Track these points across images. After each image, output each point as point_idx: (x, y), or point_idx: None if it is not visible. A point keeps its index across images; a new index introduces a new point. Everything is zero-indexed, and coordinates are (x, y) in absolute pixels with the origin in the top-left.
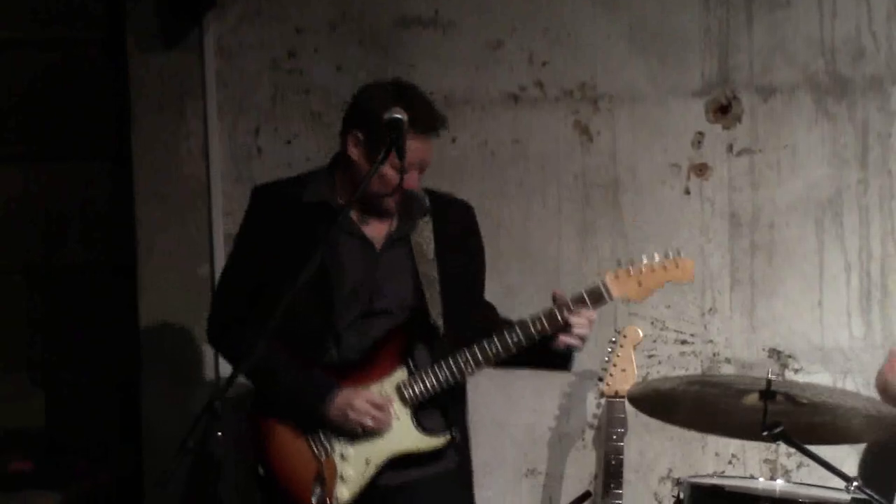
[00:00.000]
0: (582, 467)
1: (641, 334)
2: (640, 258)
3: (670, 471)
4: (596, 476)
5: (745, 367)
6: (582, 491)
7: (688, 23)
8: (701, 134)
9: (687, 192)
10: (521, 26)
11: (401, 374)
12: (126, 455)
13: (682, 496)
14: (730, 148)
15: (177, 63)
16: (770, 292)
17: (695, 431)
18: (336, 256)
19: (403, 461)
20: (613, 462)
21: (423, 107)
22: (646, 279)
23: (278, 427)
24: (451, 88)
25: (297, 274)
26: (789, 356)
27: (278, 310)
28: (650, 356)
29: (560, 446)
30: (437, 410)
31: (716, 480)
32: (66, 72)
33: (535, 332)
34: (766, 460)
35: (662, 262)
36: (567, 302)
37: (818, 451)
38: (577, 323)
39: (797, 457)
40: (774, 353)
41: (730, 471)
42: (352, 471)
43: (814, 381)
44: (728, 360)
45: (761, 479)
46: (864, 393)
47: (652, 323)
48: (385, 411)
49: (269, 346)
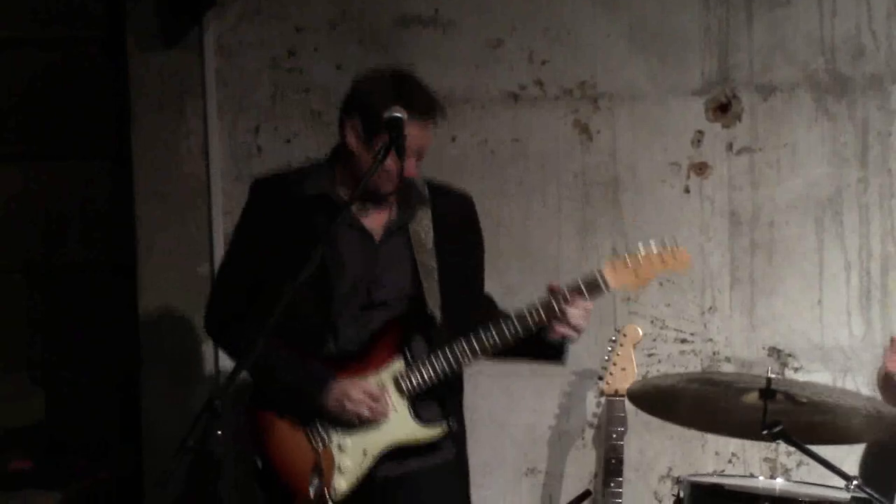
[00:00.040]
0: (582, 466)
1: (641, 333)
2: (637, 247)
3: (670, 469)
4: (596, 475)
5: (744, 366)
6: (582, 490)
7: (688, 22)
8: (701, 133)
9: (687, 190)
10: (521, 25)
11: (398, 365)
12: (126, 454)
13: (681, 495)
14: (730, 147)
15: (177, 62)
16: (770, 291)
17: (695, 430)
18: (335, 249)
19: (401, 452)
20: (613, 461)
21: (421, 94)
22: (642, 269)
23: (276, 419)
24: (451, 87)
25: (297, 267)
26: (789, 355)
27: (278, 307)
28: (650, 355)
29: (560, 445)
30: (434, 401)
31: (716, 479)
32: (66, 71)
33: (531, 322)
34: (766, 459)
35: (659, 252)
36: (564, 292)
37: (818, 450)
38: (572, 314)
39: (797, 456)
40: (774, 352)
41: (730, 469)
42: (349, 462)
43: (814, 380)
44: (728, 359)
45: (761, 478)
46: (865, 391)
47: (652, 322)
48: (382, 402)
49: (267, 339)
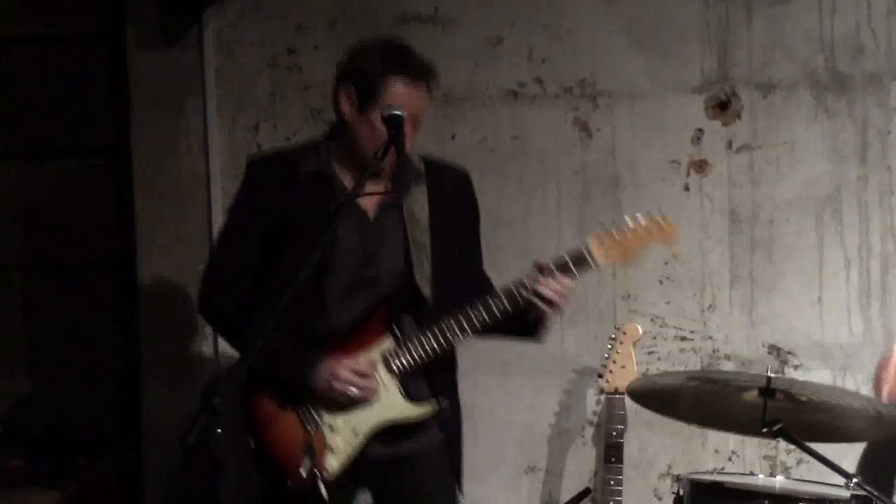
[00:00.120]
0: (582, 464)
1: (641, 331)
2: (624, 220)
3: (670, 467)
4: (596, 473)
5: (744, 364)
6: (582, 488)
7: (687, 19)
8: (700, 130)
9: (686, 188)
10: (521, 23)
11: (387, 344)
12: (126, 452)
13: (681, 493)
14: (729, 144)
15: (176, 60)
16: (770, 289)
17: (695, 427)
18: (330, 226)
19: (393, 433)
20: (613, 459)
21: (412, 57)
22: (630, 241)
23: (267, 400)
24: (451, 85)
25: (291, 245)
26: (789, 353)
27: (277, 307)
28: (650, 353)
29: (560, 443)
30: (424, 379)
31: (715, 477)
32: (66, 68)
33: (519, 299)
34: (765, 457)
35: (647, 224)
36: (550, 267)
37: (818, 448)
38: (553, 289)
39: (797, 453)
40: (774, 350)
41: (729, 467)
42: (340, 441)
43: (813, 377)
44: (728, 357)
45: (761, 476)
46: (864, 389)
47: (651, 319)
48: (371, 381)
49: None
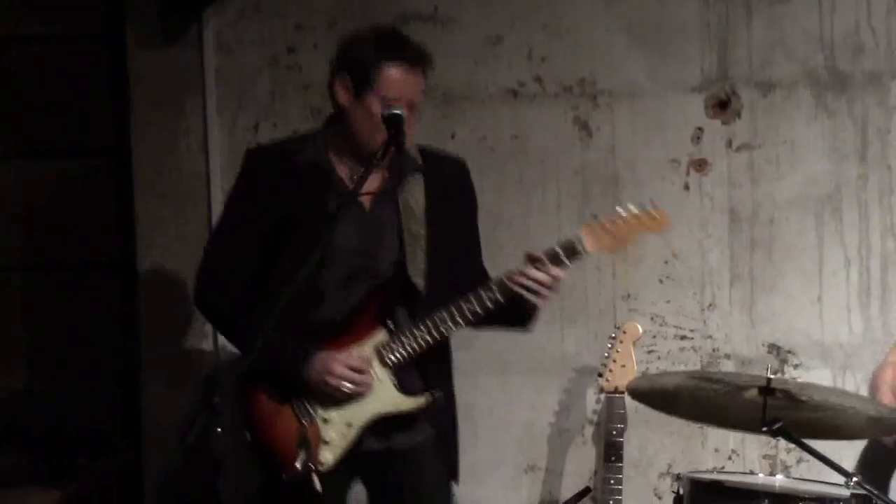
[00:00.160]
0: (582, 463)
1: (641, 330)
2: (614, 210)
3: (670, 466)
4: (596, 472)
5: (744, 363)
6: (582, 487)
7: (687, 18)
8: (700, 129)
9: (686, 187)
10: (521, 22)
11: (380, 336)
12: (126, 451)
13: (681, 492)
14: (729, 143)
15: (176, 59)
16: (769, 288)
17: (695, 427)
18: (324, 218)
19: (387, 426)
20: (613, 458)
21: (406, 43)
22: (620, 231)
23: (263, 393)
24: (451, 84)
25: (287, 236)
26: (789, 352)
27: (276, 308)
28: (650, 352)
29: (560, 442)
30: (418, 371)
31: (715, 476)
32: (66, 68)
33: (512, 289)
34: (765, 456)
35: (636, 213)
36: (540, 257)
37: (817, 446)
38: (541, 280)
39: (797, 452)
40: (774, 349)
41: (729, 466)
42: (334, 434)
43: (813, 377)
44: (727, 356)
45: (761, 475)
46: (864, 388)
47: (651, 318)
48: (363, 374)
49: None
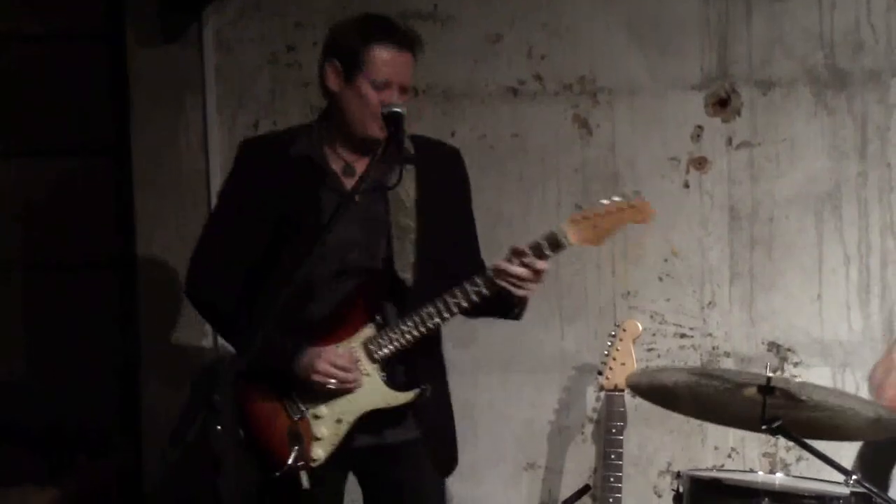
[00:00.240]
0: (581, 461)
1: (641, 328)
2: (598, 201)
3: (670, 464)
4: (595, 470)
5: (744, 361)
6: (581, 485)
7: (687, 15)
8: (700, 127)
9: (686, 185)
10: (520, 20)
11: (368, 332)
12: (126, 449)
13: (681, 489)
14: (729, 141)
15: (176, 57)
16: (769, 286)
17: (695, 425)
18: (316, 212)
19: (378, 421)
20: (613, 456)
21: (394, 25)
22: (602, 222)
23: (254, 390)
24: (450, 82)
25: (282, 232)
26: (788, 349)
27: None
28: (649, 350)
29: (560, 440)
30: (407, 366)
31: (715, 474)
32: (65, 65)
33: (495, 283)
34: (765, 454)
35: (619, 204)
36: (524, 251)
37: (817, 445)
38: (523, 275)
39: (796, 450)
40: (774, 347)
41: (729, 464)
42: (325, 430)
43: (813, 374)
44: (727, 354)
45: (760, 473)
46: (864, 386)
47: (651, 316)
48: (350, 370)
49: (241, 307)
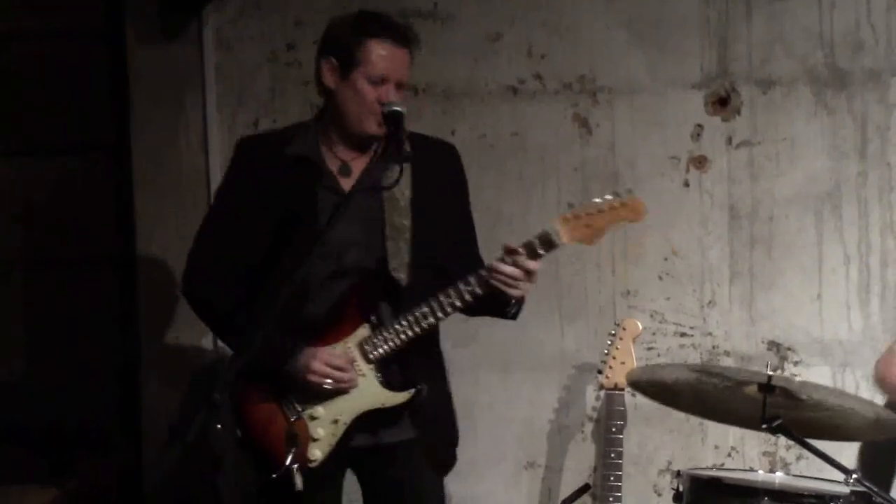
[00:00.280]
0: (581, 460)
1: (640, 327)
2: (591, 199)
3: (669, 463)
4: (595, 468)
5: (744, 360)
6: (581, 483)
7: (687, 14)
8: (700, 126)
9: (686, 184)
10: (520, 19)
11: (363, 332)
12: (126, 449)
13: (681, 488)
14: (729, 140)
15: (176, 55)
16: (769, 285)
17: (694, 424)
18: (312, 211)
19: (375, 421)
20: (613, 455)
21: (390, 21)
22: (595, 220)
23: (252, 391)
24: (450, 81)
25: (275, 227)
26: (788, 349)
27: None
28: (649, 349)
29: (559, 439)
30: (403, 366)
31: (715, 472)
32: (65, 64)
33: (489, 283)
34: (765, 453)
35: (611, 203)
36: (517, 250)
37: (816, 444)
38: (515, 275)
39: (796, 449)
40: (774, 346)
41: (729, 463)
42: (322, 430)
43: (813, 374)
44: (727, 353)
45: (760, 472)
46: (864, 385)
47: (651, 315)
48: (345, 370)
49: (238, 304)
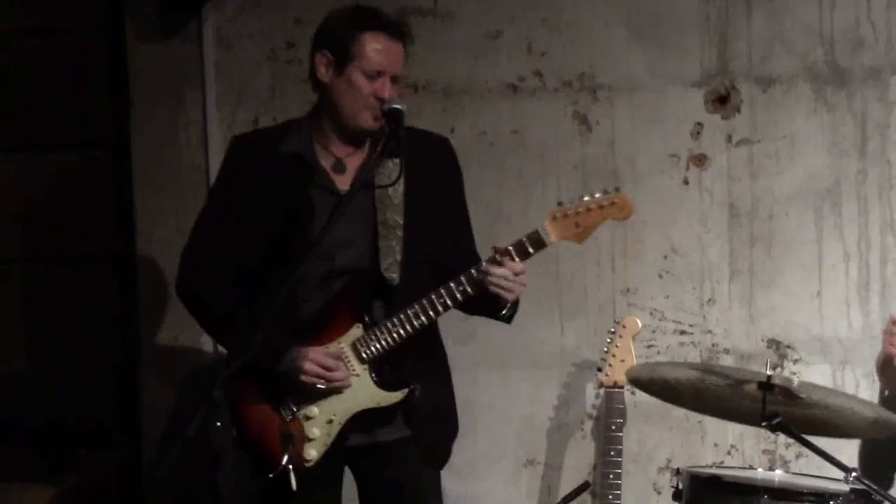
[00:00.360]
0: (581, 458)
1: (640, 325)
2: (579, 197)
3: (669, 461)
4: (595, 466)
5: (744, 358)
6: (581, 481)
7: (686, 12)
8: (700, 124)
9: (686, 182)
10: (520, 16)
11: (356, 331)
12: (126, 446)
13: (680, 486)
14: (729, 138)
15: (176, 53)
16: (769, 282)
17: (694, 421)
18: (306, 209)
19: (370, 420)
20: (612, 452)
21: (382, 15)
22: (584, 219)
23: (249, 390)
24: (450, 78)
25: (269, 225)
26: (788, 346)
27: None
28: (649, 346)
29: (559, 437)
30: (397, 365)
31: (715, 470)
32: (65, 61)
33: (478, 283)
34: (764, 451)
35: (600, 201)
36: (506, 249)
37: (816, 441)
38: (503, 275)
39: (796, 447)
40: (773, 344)
41: (729, 461)
42: (317, 430)
43: (813, 372)
44: (727, 351)
45: (760, 470)
46: (864, 383)
47: (651, 313)
48: (336, 370)
49: (233, 304)
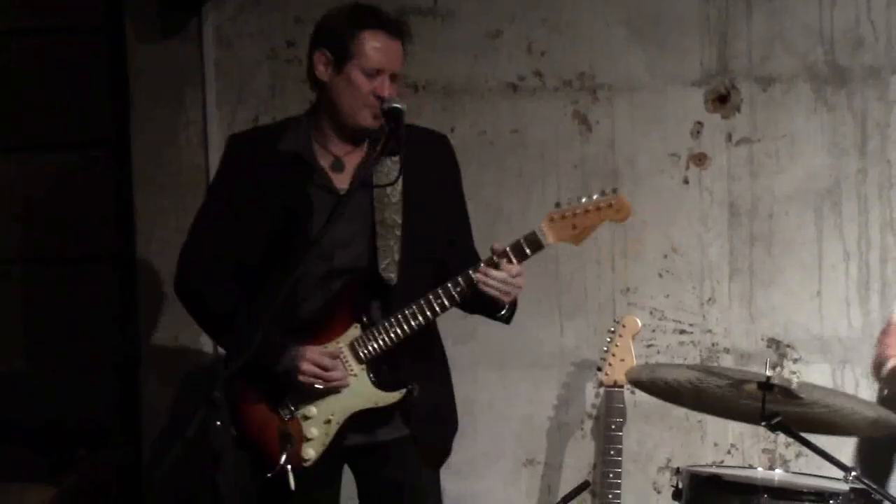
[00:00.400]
0: (581, 457)
1: (640, 324)
2: (576, 199)
3: (669, 460)
4: (595, 466)
5: (744, 357)
6: (581, 481)
7: (686, 11)
8: (700, 123)
9: (686, 181)
10: (520, 16)
11: (354, 331)
12: (126, 445)
13: (680, 486)
14: (729, 137)
15: (176, 52)
16: (769, 282)
17: (694, 420)
18: (304, 209)
19: (369, 420)
20: (612, 452)
21: (381, 13)
22: (581, 221)
23: (247, 390)
24: (450, 78)
25: (267, 224)
26: (788, 346)
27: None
28: (649, 346)
29: (559, 436)
30: (395, 365)
31: (714, 470)
32: (65, 60)
33: (477, 283)
34: (764, 450)
35: (597, 203)
36: (503, 251)
37: (816, 440)
38: (500, 278)
39: (796, 447)
40: (773, 343)
41: (729, 460)
42: (315, 430)
43: (813, 371)
44: (727, 350)
45: (760, 469)
46: (864, 383)
47: (651, 313)
48: (333, 370)
49: (231, 303)
